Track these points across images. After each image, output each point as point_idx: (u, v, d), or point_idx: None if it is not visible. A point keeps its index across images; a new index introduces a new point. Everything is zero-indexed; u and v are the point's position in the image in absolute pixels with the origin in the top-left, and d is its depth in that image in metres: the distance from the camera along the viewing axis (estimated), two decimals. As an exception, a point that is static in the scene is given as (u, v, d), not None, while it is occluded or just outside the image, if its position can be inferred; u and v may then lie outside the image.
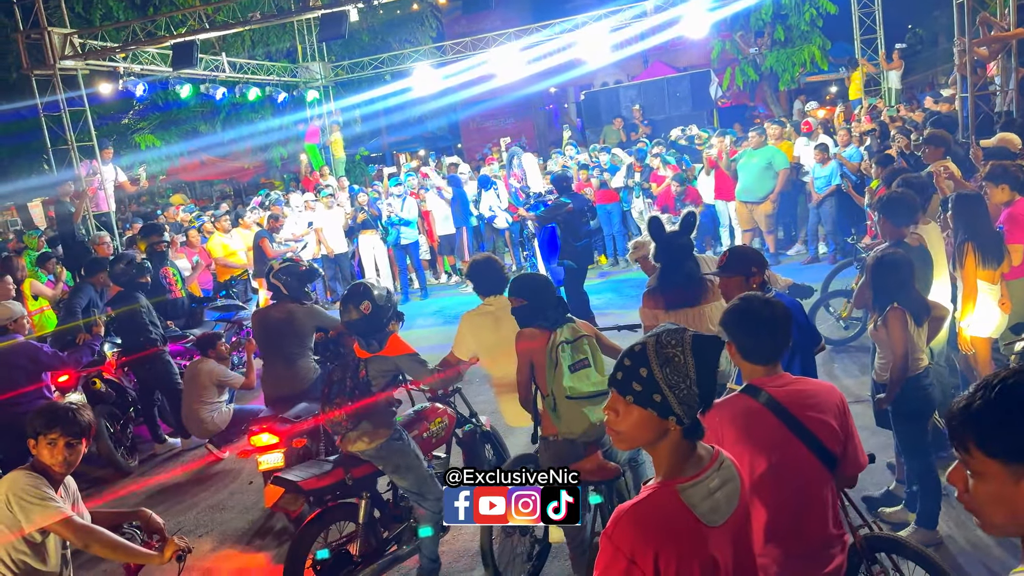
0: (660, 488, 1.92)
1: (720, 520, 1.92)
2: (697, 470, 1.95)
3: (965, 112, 8.33)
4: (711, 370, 1.93)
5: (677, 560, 1.84)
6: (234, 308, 9.02)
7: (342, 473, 4.33)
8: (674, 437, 1.93)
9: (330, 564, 4.23)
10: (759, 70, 17.78)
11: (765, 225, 11.04)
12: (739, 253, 3.83)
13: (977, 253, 4.90)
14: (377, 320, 4.39)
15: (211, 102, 15.80)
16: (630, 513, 1.88)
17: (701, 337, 1.94)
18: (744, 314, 2.61)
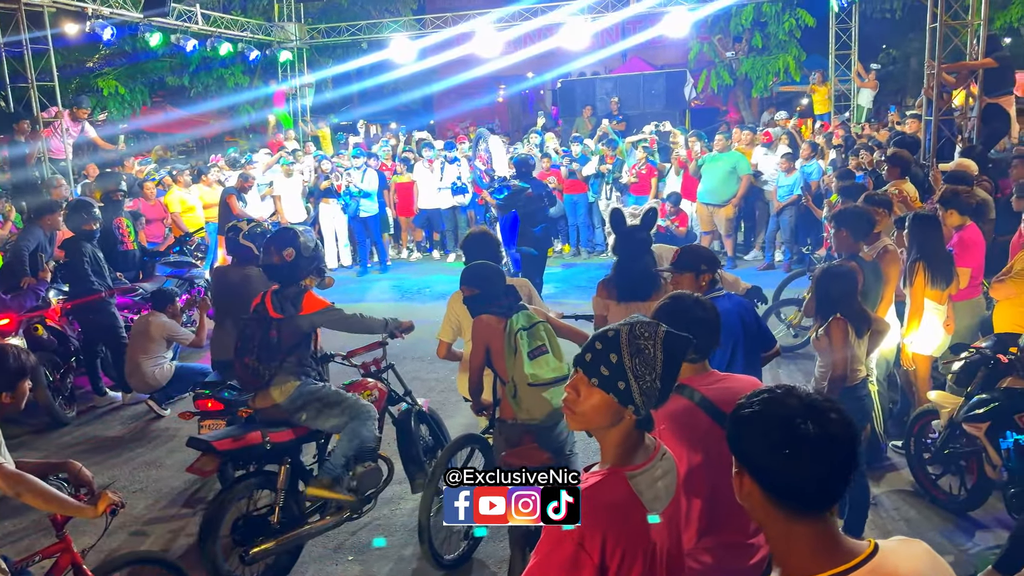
0: (611, 474, 1.95)
1: (660, 508, 1.96)
2: (645, 459, 1.99)
3: (928, 135, 8.51)
4: (676, 367, 1.96)
5: (624, 545, 1.87)
6: (186, 265, 8.87)
7: (260, 436, 4.19)
8: (627, 425, 1.96)
9: (247, 532, 4.13)
10: (734, 75, 17.95)
11: (724, 228, 11.21)
12: (691, 251, 3.89)
13: (927, 273, 5.03)
14: (296, 270, 4.31)
15: (181, 54, 15.44)
16: (581, 496, 1.90)
17: (673, 334, 1.96)
18: (674, 312, 2.65)
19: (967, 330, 5.36)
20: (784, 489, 1.47)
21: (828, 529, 1.49)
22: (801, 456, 1.44)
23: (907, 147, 7.86)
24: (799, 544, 1.49)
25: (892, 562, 1.48)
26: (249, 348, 4.22)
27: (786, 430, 1.46)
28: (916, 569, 1.48)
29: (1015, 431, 4.17)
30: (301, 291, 4.33)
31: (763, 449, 1.49)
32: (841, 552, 1.48)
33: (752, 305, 4.12)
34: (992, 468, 4.37)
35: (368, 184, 12.10)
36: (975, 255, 5.46)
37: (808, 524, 1.48)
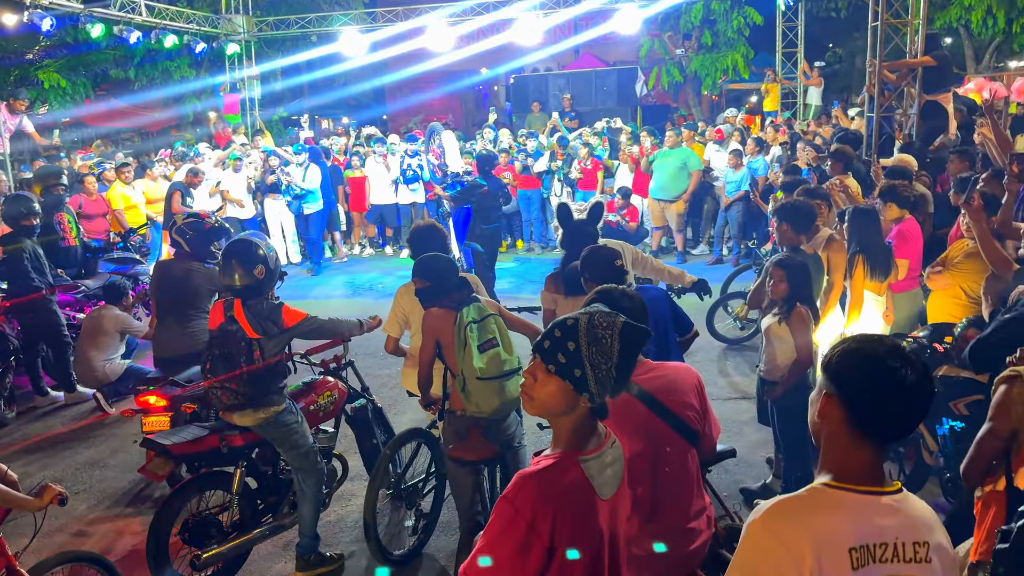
0: (563, 457, 1.99)
1: (609, 494, 2.02)
2: (597, 445, 2.03)
3: (870, 131, 8.71)
4: (632, 357, 2.01)
5: (572, 526, 1.90)
6: (130, 261, 8.66)
7: (217, 440, 4.12)
8: (582, 412, 2.00)
9: (198, 532, 4.05)
10: (684, 72, 18.17)
11: (675, 224, 11.35)
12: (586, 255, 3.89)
13: (867, 265, 5.15)
14: (267, 285, 4.15)
15: (124, 46, 15.04)
16: (534, 478, 1.94)
17: (631, 325, 2.00)
18: (603, 304, 2.67)
19: (906, 320, 5.51)
20: (873, 418, 1.69)
21: (881, 459, 1.75)
22: (895, 397, 1.67)
23: (850, 143, 8.04)
24: (856, 463, 1.72)
25: (914, 502, 1.76)
26: (229, 369, 3.98)
27: (889, 374, 1.66)
28: (927, 515, 1.76)
29: (950, 418, 4.29)
30: (277, 306, 4.14)
31: (864, 386, 1.69)
32: (885, 480, 1.74)
33: (665, 293, 4.24)
34: (929, 454, 4.51)
35: (310, 182, 11.87)
36: (913, 247, 5.61)
37: (870, 451, 1.72)
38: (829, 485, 1.71)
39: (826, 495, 1.70)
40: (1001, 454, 2.64)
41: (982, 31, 16.82)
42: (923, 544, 1.69)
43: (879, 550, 1.66)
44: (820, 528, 1.64)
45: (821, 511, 1.66)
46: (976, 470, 2.72)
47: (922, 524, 1.72)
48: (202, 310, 5.46)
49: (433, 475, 4.59)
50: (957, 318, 4.74)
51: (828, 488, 1.70)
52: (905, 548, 1.68)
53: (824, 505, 1.67)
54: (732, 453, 3.64)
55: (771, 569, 1.64)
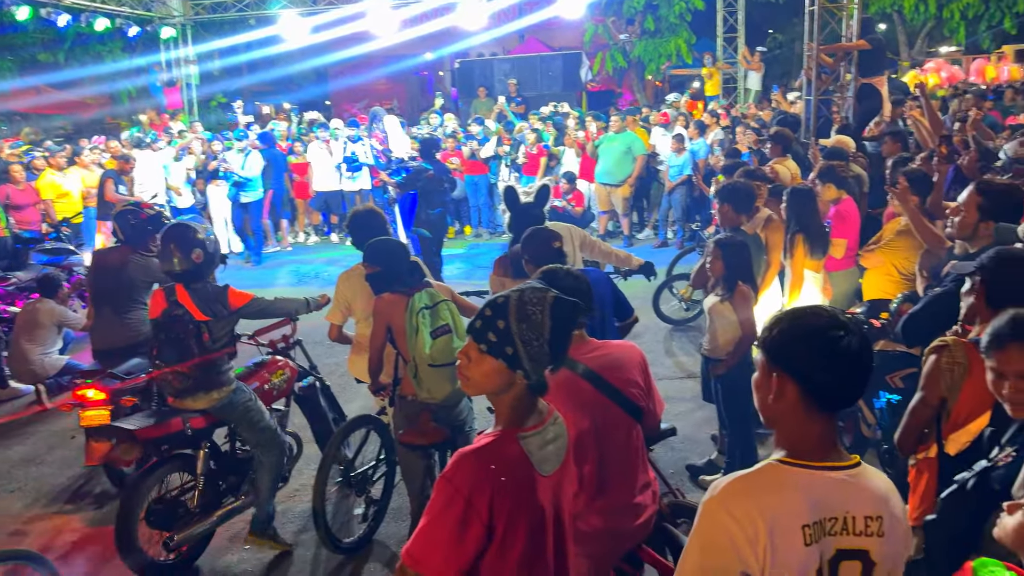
0: (502, 435, 1.99)
1: (550, 470, 2.02)
2: (537, 422, 2.04)
3: (808, 114, 8.90)
4: (566, 332, 2.01)
5: (511, 503, 1.91)
6: (64, 252, 8.40)
7: (181, 423, 4.10)
8: (519, 390, 2.00)
9: (164, 516, 4.03)
10: (628, 57, 18.26)
11: (621, 208, 11.46)
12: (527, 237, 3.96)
13: (807, 244, 5.26)
14: (207, 268, 4.15)
15: (54, 29, 14.52)
16: (472, 455, 1.94)
17: (562, 300, 2.01)
18: (548, 283, 2.69)
19: (844, 297, 5.64)
20: (818, 388, 1.71)
21: (834, 431, 1.77)
22: (843, 365, 1.70)
23: (789, 126, 8.19)
24: (809, 438, 1.74)
25: (870, 476, 1.78)
26: (185, 356, 3.98)
27: (834, 343, 1.69)
28: (883, 488, 1.78)
29: (887, 391, 4.42)
30: (222, 288, 4.15)
31: (813, 359, 1.71)
32: (840, 453, 1.77)
33: (607, 277, 4.28)
34: (867, 427, 4.64)
35: (250, 169, 11.57)
36: (851, 227, 5.74)
37: (822, 423, 1.74)
38: (783, 461, 1.74)
39: (780, 472, 1.72)
40: (932, 422, 2.73)
41: (914, 17, 17.31)
42: (875, 518, 1.72)
43: (829, 524, 1.69)
44: (773, 505, 1.66)
45: (774, 488, 1.69)
46: (909, 438, 2.81)
47: (876, 497, 1.74)
48: (140, 301, 5.32)
49: (383, 461, 4.56)
50: (891, 295, 4.88)
51: (782, 465, 1.73)
52: (855, 522, 1.71)
53: (777, 482, 1.70)
54: (673, 432, 3.70)
55: (727, 546, 1.65)
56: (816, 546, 1.67)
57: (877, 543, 1.73)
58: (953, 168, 5.73)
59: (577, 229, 5.09)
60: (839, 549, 1.70)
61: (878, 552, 1.73)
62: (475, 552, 1.89)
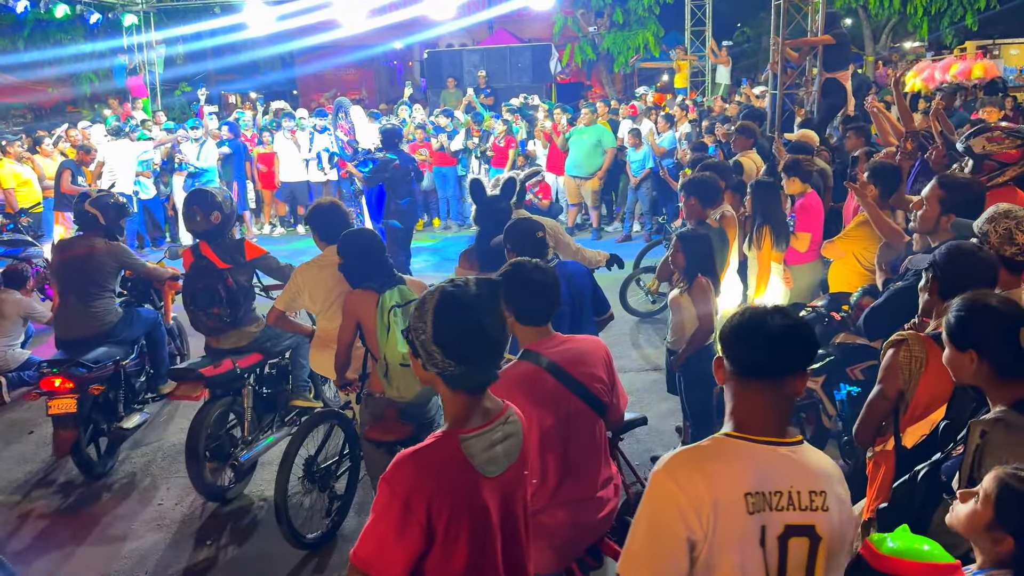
0: (443, 437, 1.96)
1: (497, 471, 1.98)
2: (482, 422, 1.99)
3: (773, 108, 8.97)
4: (454, 329, 1.92)
5: (450, 507, 1.88)
6: (23, 244, 8.20)
7: (231, 363, 4.69)
8: (445, 388, 1.98)
9: (222, 446, 4.72)
10: (597, 50, 18.27)
11: (591, 200, 11.48)
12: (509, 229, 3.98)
13: (772, 236, 5.31)
14: (226, 227, 4.80)
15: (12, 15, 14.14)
16: (410, 458, 1.91)
17: (448, 297, 1.94)
18: (515, 277, 2.69)
19: (808, 290, 5.70)
20: (751, 361, 1.84)
21: (778, 410, 1.85)
22: (762, 337, 1.82)
23: (753, 119, 8.26)
24: (752, 412, 1.84)
25: (813, 454, 1.86)
26: (215, 299, 4.63)
27: (756, 320, 1.85)
28: (826, 467, 1.86)
29: (847, 383, 4.49)
30: (239, 241, 4.92)
31: (737, 335, 1.87)
32: (785, 430, 1.85)
33: (589, 272, 4.26)
34: (828, 418, 4.70)
35: (205, 159, 11.38)
36: (815, 221, 5.80)
37: (762, 397, 1.83)
38: (729, 435, 1.83)
39: (725, 443, 1.82)
40: (890, 415, 2.77)
41: (879, 12, 17.51)
42: (820, 493, 1.79)
43: (774, 498, 1.75)
44: (717, 473, 1.74)
45: (718, 458, 1.78)
46: (867, 430, 2.85)
47: (820, 474, 1.82)
48: (107, 289, 5.37)
49: (347, 456, 4.53)
50: (854, 287, 4.94)
51: (728, 437, 1.83)
52: (801, 496, 1.77)
53: (721, 452, 1.79)
54: (644, 421, 3.71)
55: (672, 513, 1.73)
56: (758, 516, 1.73)
57: (822, 517, 1.78)
58: (919, 161, 5.81)
59: (552, 223, 5.09)
60: (787, 525, 1.76)
61: (823, 527, 1.78)
62: (416, 553, 1.87)
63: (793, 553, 1.77)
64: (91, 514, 4.85)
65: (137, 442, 5.68)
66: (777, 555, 1.76)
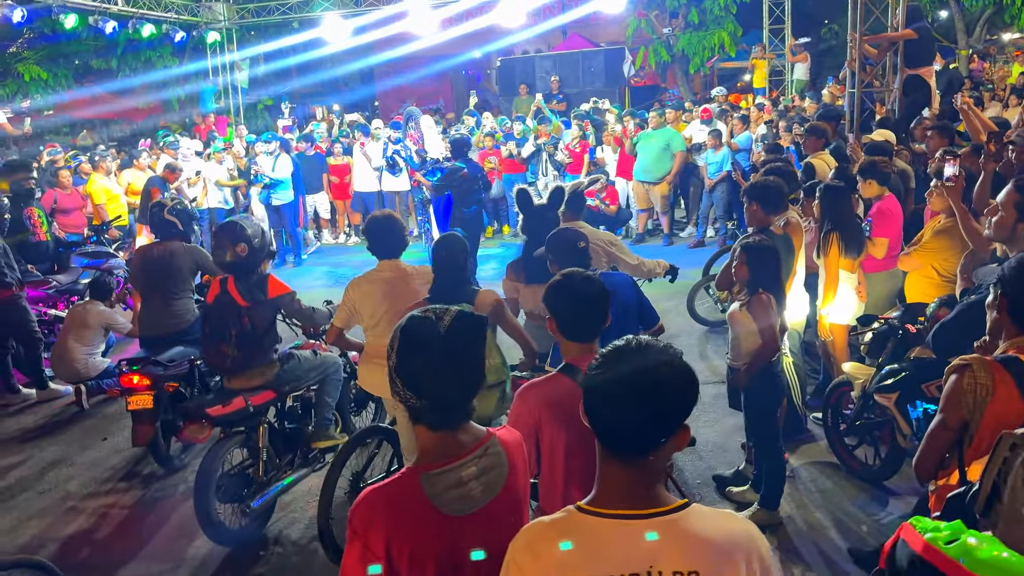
0: (405, 474, 1.86)
1: (469, 509, 1.85)
2: (450, 458, 1.86)
3: (851, 106, 8.56)
4: (412, 364, 1.82)
5: (410, 550, 1.78)
6: (104, 255, 8.53)
7: (243, 401, 4.44)
8: (409, 420, 1.88)
9: (235, 487, 4.38)
10: (671, 51, 17.92)
11: (660, 206, 11.20)
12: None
13: (841, 243, 5.03)
14: (254, 261, 4.48)
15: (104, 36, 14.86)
16: (368, 496, 1.83)
17: (418, 322, 1.84)
18: (563, 290, 2.58)
19: (884, 300, 5.39)
20: (602, 434, 1.61)
21: (639, 475, 1.60)
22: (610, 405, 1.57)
23: (830, 119, 7.90)
24: (610, 482, 1.62)
25: (694, 522, 1.58)
26: (224, 337, 4.39)
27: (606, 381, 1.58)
28: (713, 537, 1.56)
29: (923, 400, 4.18)
30: (263, 277, 4.55)
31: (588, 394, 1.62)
32: (655, 498, 1.60)
33: (634, 282, 4.11)
34: (903, 437, 4.39)
35: (280, 171, 11.64)
36: (893, 225, 5.48)
37: (620, 467, 1.60)
38: (582, 508, 1.63)
39: (573, 520, 1.61)
40: (953, 446, 2.52)
41: (972, 3, 16.59)
42: (690, 573, 1.53)
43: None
44: (558, 560, 1.56)
45: (563, 539, 1.58)
46: (927, 463, 2.60)
47: (698, 550, 1.55)
48: (186, 289, 5.84)
49: (395, 472, 4.48)
50: (931, 297, 4.63)
51: (579, 512, 1.62)
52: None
53: (568, 532, 1.59)
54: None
55: None
56: None
57: None
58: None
59: (608, 235, 4.95)
60: None
61: None
62: None
63: None
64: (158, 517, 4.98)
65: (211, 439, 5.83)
66: None
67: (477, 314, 1.89)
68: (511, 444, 2.00)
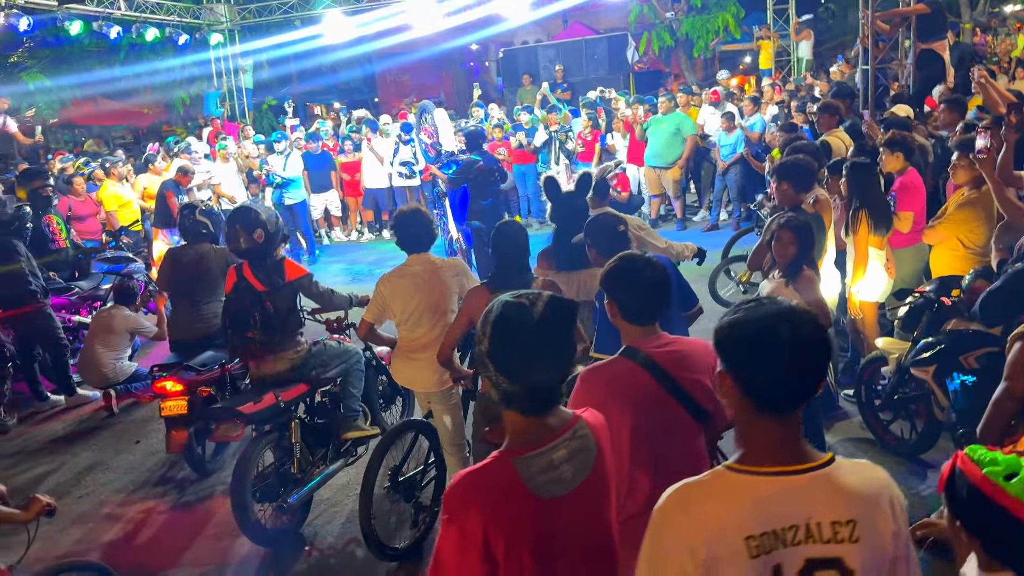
0: (498, 457, 1.87)
1: (561, 492, 1.86)
2: (542, 441, 1.87)
3: (865, 83, 8.52)
4: (508, 349, 1.82)
5: (507, 535, 1.78)
6: (124, 260, 8.54)
7: (273, 397, 4.45)
8: (500, 403, 1.89)
9: (271, 486, 4.40)
10: (675, 36, 17.86)
11: (673, 191, 11.17)
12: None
13: (869, 220, 5.02)
14: (269, 247, 4.54)
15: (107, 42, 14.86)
16: (463, 480, 1.83)
17: (513, 307, 1.84)
18: (625, 273, 2.56)
19: (912, 275, 5.38)
20: (760, 390, 1.61)
21: (791, 432, 1.62)
22: (772, 356, 1.58)
23: (844, 96, 7.86)
24: (761, 440, 1.62)
25: (844, 477, 1.61)
26: (249, 323, 4.42)
27: (761, 332, 1.59)
28: (861, 490, 1.60)
29: (961, 372, 4.18)
30: (279, 261, 4.62)
31: (742, 349, 1.62)
32: (803, 454, 1.62)
33: (673, 265, 4.10)
34: (940, 410, 4.40)
35: (291, 170, 11.66)
36: (917, 199, 5.47)
37: (774, 424, 1.61)
38: (732, 468, 1.64)
39: (726, 479, 1.62)
40: (1018, 413, 2.53)
41: (977, -25, 16.49)
42: (847, 523, 1.58)
43: (788, 533, 1.57)
44: (713, 517, 1.57)
45: (717, 498, 1.60)
46: (993, 431, 2.60)
47: (851, 500, 1.59)
48: (217, 292, 5.68)
49: (432, 466, 4.50)
50: (959, 270, 4.63)
51: (730, 471, 1.63)
52: (822, 528, 1.58)
53: (721, 491, 1.61)
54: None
55: (670, 556, 1.59)
56: (766, 558, 1.56)
57: (851, 550, 1.58)
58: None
59: (636, 220, 4.94)
60: (808, 559, 1.57)
61: (854, 559, 1.58)
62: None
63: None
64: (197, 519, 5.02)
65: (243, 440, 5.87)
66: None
67: (568, 299, 1.90)
68: (598, 427, 2.00)
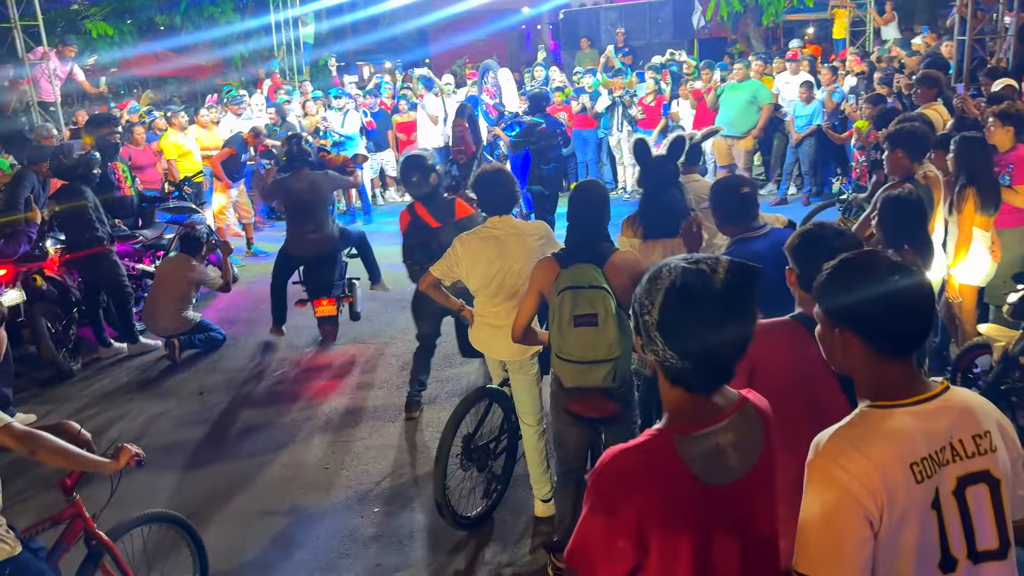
0: (657, 436, 1.67)
1: (729, 479, 1.67)
2: (707, 420, 1.67)
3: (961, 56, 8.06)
4: (683, 321, 1.60)
5: (663, 523, 1.60)
6: (187, 211, 8.51)
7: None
8: (664, 379, 1.69)
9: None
10: (744, 2, 17.22)
11: (743, 161, 10.75)
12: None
13: (977, 199, 4.71)
14: (440, 188, 5.17)
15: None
16: (615, 460, 1.65)
17: (694, 273, 1.60)
18: (814, 241, 2.40)
19: (1018, 258, 5.05)
20: (888, 338, 1.69)
21: (911, 368, 1.72)
22: (895, 310, 1.68)
23: (938, 68, 7.45)
24: (890, 382, 1.71)
25: (962, 396, 1.75)
26: (430, 255, 4.52)
27: (883, 290, 1.68)
28: (978, 404, 1.75)
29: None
30: (450, 200, 5.14)
31: (865, 310, 1.69)
32: (925, 383, 1.73)
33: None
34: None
35: (349, 127, 11.49)
36: (1029, 175, 5.12)
37: (899, 366, 1.71)
38: (874, 406, 1.71)
39: (874, 417, 1.69)
40: None
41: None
42: (984, 435, 1.69)
43: (941, 455, 1.66)
44: (879, 453, 1.62)
45: (876, 436, 1.65)
46: None
47: (977, 414, 1.71)
48: (330, 212, 6.80)
49: (505, 434, 4.35)
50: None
51: (875, 410, 1.70)
52: (964, 444, 1.68)
53: (876, 428, 1.67)
54: None
55: (848, 500, 1.59)
56: (929, 482, 1.63)
57: (993, 460, 1.69)
58: None
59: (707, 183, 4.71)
60: (959, 477, 1.66)
61: (997, 468, 1.69)
62: (630, 567, 1.63)
63: (974, 503, 1.67)
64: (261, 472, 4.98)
65: (313, 404, 5.88)
66: (957, 510, 1.66)
67: (752, 265, 1.67)
68: (764, 410, 1.80)
